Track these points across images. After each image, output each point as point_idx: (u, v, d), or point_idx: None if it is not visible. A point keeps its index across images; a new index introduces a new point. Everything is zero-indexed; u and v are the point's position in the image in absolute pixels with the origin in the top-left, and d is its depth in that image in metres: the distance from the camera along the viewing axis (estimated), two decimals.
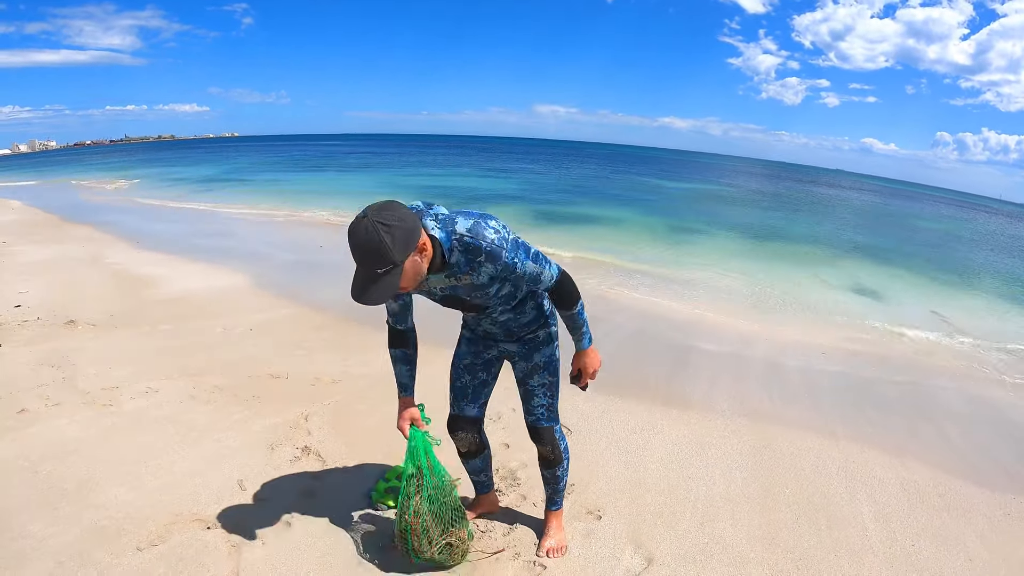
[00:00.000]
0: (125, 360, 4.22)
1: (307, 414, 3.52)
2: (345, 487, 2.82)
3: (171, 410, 3.51)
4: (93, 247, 8.34)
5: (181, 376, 3.99)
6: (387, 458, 3.09)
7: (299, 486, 2.80)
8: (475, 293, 1.93)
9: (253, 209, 13.89)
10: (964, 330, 7.07)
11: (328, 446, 3.18)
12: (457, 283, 1.89)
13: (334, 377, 4.11)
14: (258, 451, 3.09)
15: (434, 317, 2.31)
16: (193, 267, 7.43)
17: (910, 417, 4.26)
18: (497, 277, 1.85)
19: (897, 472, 3.40)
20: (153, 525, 2.47)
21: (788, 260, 11.26)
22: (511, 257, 1.81)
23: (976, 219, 33.53)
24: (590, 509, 2.78)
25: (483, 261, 1.79)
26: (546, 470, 2.41)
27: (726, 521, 2.77)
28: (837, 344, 5.90)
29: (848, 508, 2.99)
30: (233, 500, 2.67)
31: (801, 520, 2.84)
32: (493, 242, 1.78)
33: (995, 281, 11.57)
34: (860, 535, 2.77)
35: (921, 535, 2.81)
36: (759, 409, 4.15)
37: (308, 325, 5.30)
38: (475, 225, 1.79)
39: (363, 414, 3.59)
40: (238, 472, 2.88)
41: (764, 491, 3.07)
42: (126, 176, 24.99)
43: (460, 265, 1.82)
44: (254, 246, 9.13)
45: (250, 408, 3.57)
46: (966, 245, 18.94)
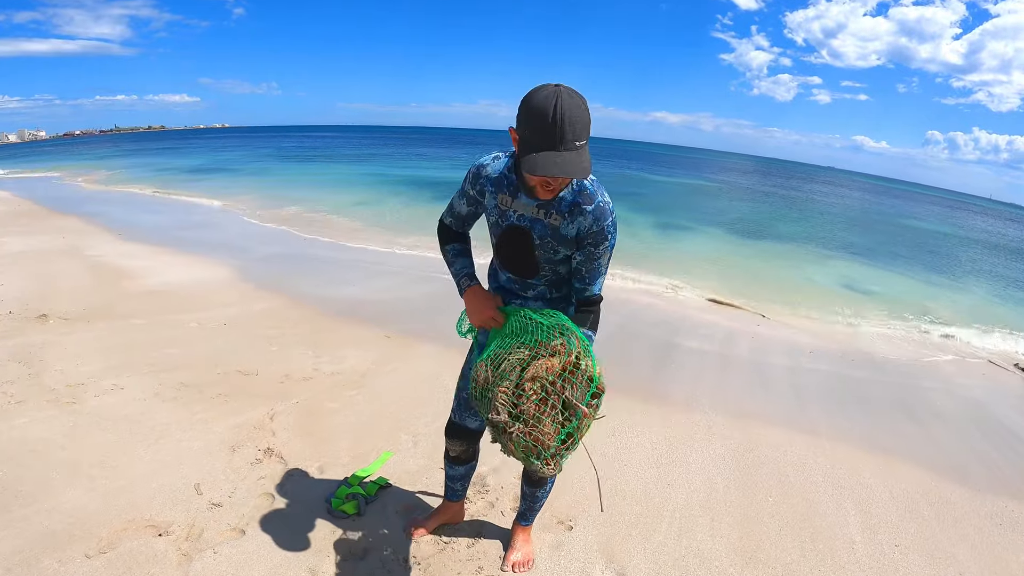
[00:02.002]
0: (94, 356, 4.07)
1: (273, 413, 3.38)
2: (305, 492, 2.69)
3: (134, 408, 3.37)
4: (75, 238, 8.13)
5: (149, 372, 3.85)
6: (353, 460, 2.96)
7: (258, 491, 2.66)
8: (548, 242, 1.77)
9: (237, 201, 13.69)
10: (952, 330, 7.02)
11: (292, 447, 3.04)
12: (544, 219, 1.74)
13: (305, 374, 3.98)
14: (219, 452, 2.95)
15: (448, 315, 2.12)
16: (175, 259, 7.24)
17: (897, 418, 4.21)
18: (583, 237, 1.72)
19: (885, 479, 3.32)
20: (105, 531, 2.35)
21: (776, 257, 11.23)
22: (610, 228, 1.72)
23: (967, 219, 33.72)
24: (561, 519, 2.66)
25: (588, 211, 1.69)
26: (528, 487, 2.28)
27: (705, 532, 2.67)
28: (823, 343, 5.83)
29: (834, 518, 2.90)
30: (189, 505, 2.54)
31: (785, 532, 2.74)
32: (608, 203, 1.71)
33: (985, 281, 11.60)
34: (847, 548, 2.68)
35: (911, 548, 2.72)
36: (744, 409, 4.06)
37: (284, 319, 5.16)
38: (598, 181, 1.72)
39: (331, 413, 3.45)
40: (196, 475, 2.75)
41: (746, 499, 2.97)
42: (114, 167, 24.63)
43: (563, 202, 1.70)
44: (238, 238, 8.96)
45: (215, 407, 3.44)
46: (956, 244, 19.00)
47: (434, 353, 4.50)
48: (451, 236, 2.03)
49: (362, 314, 5.43)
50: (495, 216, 1.86)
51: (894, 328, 6.86)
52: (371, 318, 5.32)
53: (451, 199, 2.00)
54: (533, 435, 1.54)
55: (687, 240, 12.18)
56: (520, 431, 1.55)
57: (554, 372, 1.59)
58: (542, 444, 1.54)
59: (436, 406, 3.59)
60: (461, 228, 2.03)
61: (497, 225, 1.86)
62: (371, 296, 6.08)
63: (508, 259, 1.91)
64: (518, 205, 1.77)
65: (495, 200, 1.82)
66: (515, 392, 1.59)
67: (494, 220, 1.87)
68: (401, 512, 2.59)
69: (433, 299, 6.07)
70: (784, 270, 10.01)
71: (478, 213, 1.98)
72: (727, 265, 9.79)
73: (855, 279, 9.85)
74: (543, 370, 1.59)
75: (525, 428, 1.54)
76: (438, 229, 2.06)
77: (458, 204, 1.97)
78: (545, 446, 1.54)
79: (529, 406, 1.55)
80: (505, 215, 1.81)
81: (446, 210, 2.02)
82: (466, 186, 1.91)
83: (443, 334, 4.87)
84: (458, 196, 1.96)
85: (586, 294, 1.84)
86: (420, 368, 4.21)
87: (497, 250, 1.93)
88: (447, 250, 2.03)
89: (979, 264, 14.33)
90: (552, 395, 1.57)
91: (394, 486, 2.78)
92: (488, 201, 1.86)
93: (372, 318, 5.32)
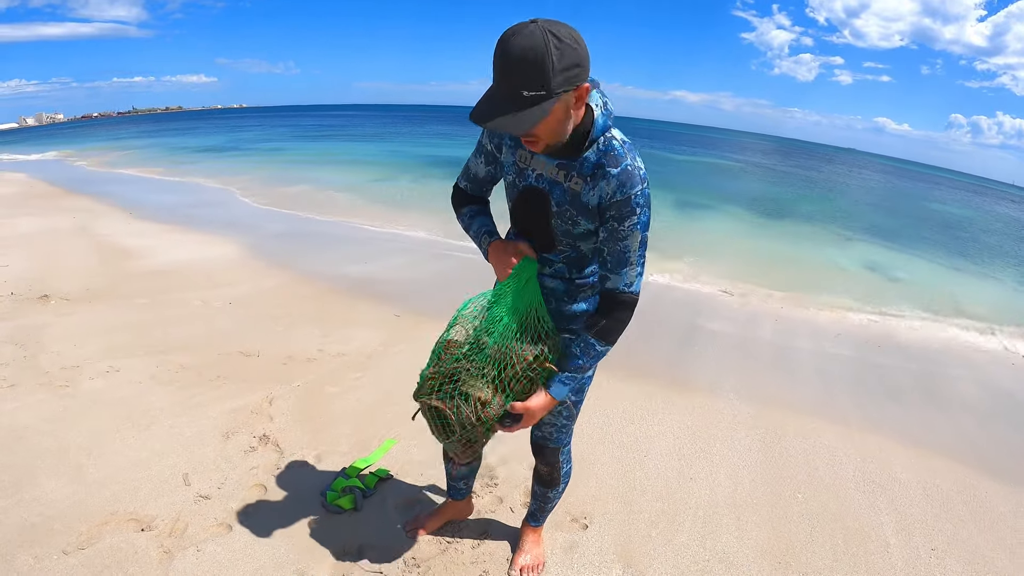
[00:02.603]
0: (92, 337, 3.93)
1: (272, 397, 3.21)
2: (299, 484, 2.52)
3: (128, 392, 3.22)
4: (86, 218, 8.04)
5: (147, 354, 3.70)
6: (353, 448, 2.79)
7: (249, 482, 2.50)
8: (566, 210, 1.51)
9: (251, 179, 13.59)
10: (981, 317, 6.67)
11: (289, 434, 2.87)
12: (563, 182, 1.49)
13: (309, 355, 3.81)
14: (212, 439, 2.79)
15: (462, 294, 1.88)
16: (185, 237, 7.13)
17: (925, 408, 3.98)
18: (606, 207, 1.45)
19: (918, 474, 3.10)
20: (85, 525, 2.20)
21: (799, 238, 10.85)
22: (639, 199, 1.43)
23: (991, 204, 32.65)
24: (575, 516, 2.46)
25: (612, 175, 1.43)
26: (539, 486, 2.07)
27: (731, 533, 2.46)
28: (849, 327, 5.55)
29: (868, 518, 2.69)
30: (175, 497, 2.38)
31: (816, 533, 2.53)
32: (638, 168, 1.44)
33: (1013, 267, 11.12)
34: (881, 552, 2.47)
35: (948, 553, 2.51)
36: (768, 395, 3.84)
37: (292, 297, 5.01)
38: (632, 144, 1.47)
39: (333, 398, 3.28)
40: (186, 464, 2.59)
41: (774, 495, 2.76)
42: (133, 147, 24.64)
43: (586, 163, 1.45)
44: (248, 215, 8.82)
45: (212, 390, 3.28)
46: (983, 231, 18.25)
47: None
48: (467, 199, 1.81)
49: (373, 292, 5.27)
50: (512, 175, 1.61)
51: (921, 313, 6.54)
52: (382, 296, 5.16)
53: (466, 160, 1.77)
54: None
55: (709, 219, 11.84)
56: None
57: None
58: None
59: None
60: (479, 194, 1.81)
61: (514, 186, 1.62)
62: (383, 274, 5.92)
63: (524, 227, 1.67)
64: (537, 163, 1.53)
65: (513, 156, 1.58)
66: None
67: (511, 180, 1.62)
68: (401, 507, 2.41)
69: (446, 277, 5.90)
70: (808, 251, 9.65)
71: (496, 176, 1.74)
72: (749, 247, 9.45)
73: (880, 262, 9.44)
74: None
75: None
76: (452, 195, 1.83)
77: (474, 164, 1.73)
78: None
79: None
80: (523, 174, 1.57)
81: (461, 173, 1.79)
82: (483, 140, 1.67)
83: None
84: (474, 155, 1.72)
85: (607, 285, 1.54)
86: (430, 350, 4.01)
87: (513, 215, 1.68)
88: (463, 214, 1.80)
89: (1007, 251, 13.81)
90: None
91: (395, 478, 2.60)
92: (506, 157, 1.62)
93: (383, 296, 5.16)
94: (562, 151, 1.45)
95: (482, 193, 1.80)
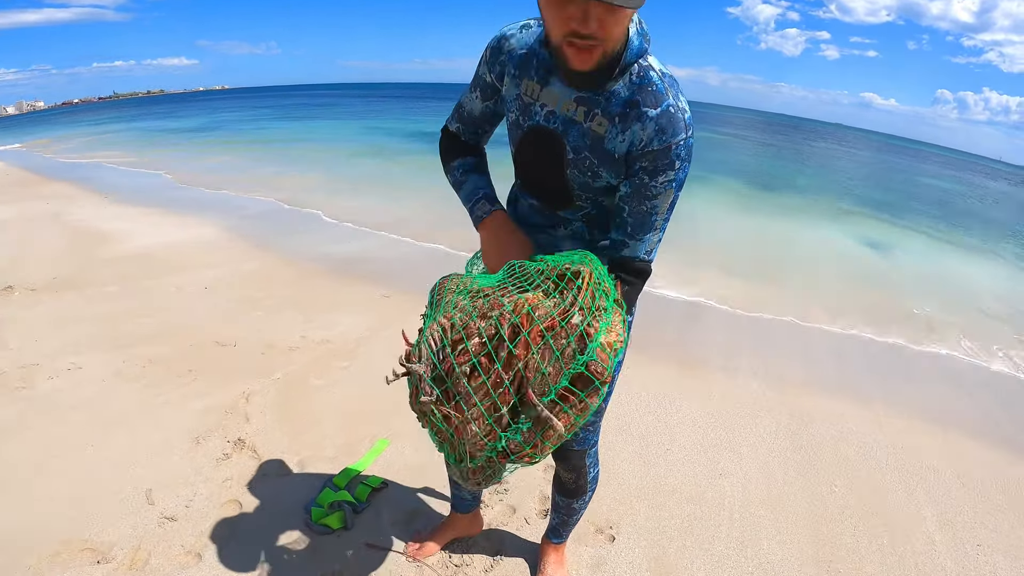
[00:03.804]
0: (56, 330, 3.57)
1: (249, 393, 2.88)
2: (280, 498, 2.19)
3: (90, 392, 2.87)
4: (61, 204, 7.55)
5: (113, 347, 3.34)
6: (340, 452, 2.46)
7: (222, 497, 2.16)
8: (585, 158, 1.20)
9: (235, 157, 13.12)
10: (990, 294, 6.49)
11: (267, 437, 2.54)
12: (582, 121, 1.17)
13: (291, 343, 3.47)
14: (180, 446, 2.45)
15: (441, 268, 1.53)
16: (163, 220, 6.70)
17: (943, 387, 3.80)
18: (636, 157, 1.14)
19: (950, 460, 2.90)
20: (32, 558, 1.86)
21: (797, 211, 10.60)
22: (681, 150, 1.13)
23: (981, 181, 32.59)
24: (600, 527, 2.17)
25: (650, 117, 1.11)
26: (561, 496, 1.73)
27: (771, 538, 2.20)
28: (857, 306, 5.31)
29: (908, 511, 2.47)
30: (137, 519, 2.04)
31: (860, 532, 2.30)
32: (684, 111, 1.13)
33: (1016, 246, 10.86)
34: (928, 550, 2.25)
35: (993, 548, 2.32)
36: (785, 376, 3.60)
37: (273, 280, 4.66)
38: (672, 78, 1.16)
39: (316, 392, 2.95)
40: (151, 477, 2.25)
41: (810, 491, 2.51)
42: (113, 131, 23.71)
43: (615, 98, 1.13)
44: (231, 195, 8.36)
45: (183, 386, 2.94)
46: (979, 207, 18.08)
47: None
48: (458, 147, 1.45)
49: (359, 272, 4.94)
50: (516, 112, 1.27)
51: (929, 291, 6.34)
52: (368, 276, 4.83)
53: (459, 98, 1.42)
54: (450, 419, 1.01)
55: (702, 195, 11.54)
56: (433, 404, 1.01)
57: (523, 311, 0.99)
58: (467, 440, 1.00)
59: None
60: (474, 139, 1.46)
61: (517, 126, 1.29)
62: (369, 252, 5.59)
63: (531, 177, 1.35)
64: (549, 96, 1.20)
65: (518, 88, 1.25)
66: (451, 335, 1.02)
67: (515, 118, 1.29)
68: (399, 522, 2.09)
69: (436, 253, 5.58)
70: (807, 224, 9.36)
71: (498, 114, 1.39)
72: (750, 222, 9.16)
73: (878, 239, 9.17)
74: (509, 308, 1.01)
75: (438, 404, 1.01)
76: (440, 142, 1.48)
77: (468, 100, 1.39)
78: (473, 446, 1.00)
79: (461, 364, 0.99)
80: (529, 111, 1.24)
81: (451, 113, 1.45)
82: (481, 68, 1.32)
83: None
84: (469, 89, 1.38)
85: (623, 252, 1.23)
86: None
87: (517, 164, 1.37)
88: (453, 168, 1.44)
89: (1010, 229, 13.60)
90: (498, 358, 0.98)
91: (390, 486, 2.28)
92: (508, 90, 1.28)
93: (369, 276, 4.83)
94: (583, 78, 1.12)
95: (477, 139, 1.45)
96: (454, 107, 1.42)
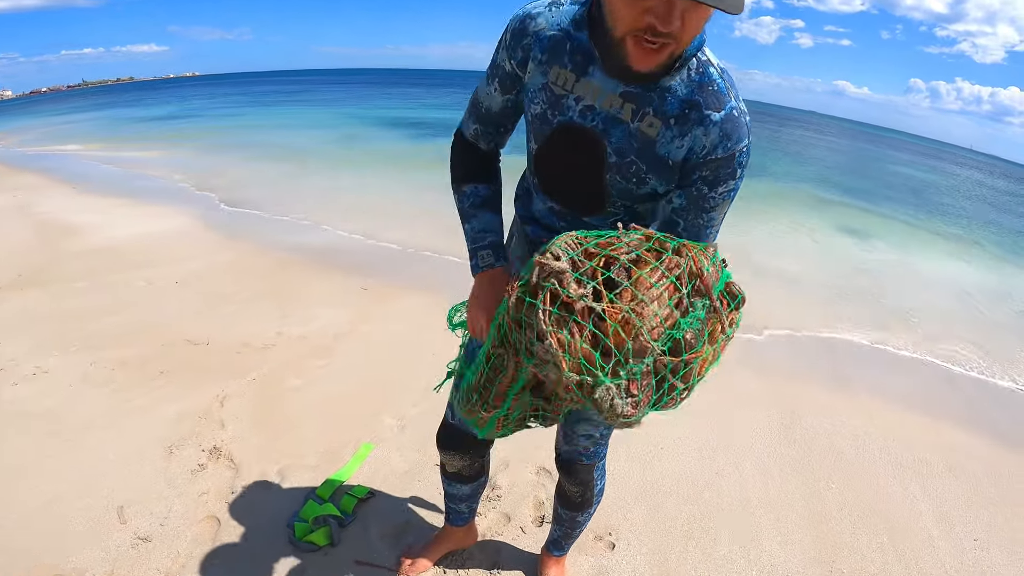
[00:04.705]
0: (20, 332, 3.35)
1: (224, 396, 2.73)
2: (261, 513, 2.05)
3: (57, 399, 2.69)
4: (28, 195, 7.19)
5: (81, 349, 3.15)
6: (322, 459, 2.33)
7: (199, 513, 2.02)
8: (630, 163, 1.04)
9: (205, 143, 12.77)
10: (966, 283, 6.55)
11: (244, 445, 2.39)
12: (628, 120, 1.01)
13: (267, 340, 3.32)
14: (152, 457, 2.29)
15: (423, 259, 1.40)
16: (133, 210, 6.41)
17: (923, 373, 3.86)
18: (696, 165, 1.01)
19: (940, 451, 2.90)
20: None
21: (775, 196, 10.60)
22: (743, 157, 1.02)
23: (956, 169, 33.21)
24: (599, 534, 2.08)
25: (715, 122, 0.98)
26: (565, 509, 1.63)
27: (773, 539, 2.14)
28: (832, 295, 5.35)
29: (905, 507, 2.45)
30: (109, 540, 1.90)
31: (859, 530, 2.26)
32: (745, 114, 1.01)
33: (991, 234, 10.95)
34: (927, 547, 2.23)
35: (990, 543, 2.32)
36: (769, 364, 3.63)
37: (248, 272, 4.47)
38: (731, 75, 1.02)
39: (295, 392, 2.82)
40: (121, 493, 2.10)
41: (807, 488, 2.48)
42: (81, 120, 22.86)
43: (672, 96, 0.99)
44: (202, 183, 8.05)
45: (154, 390, 2.77)
46: (952, 196, 18.26)
47: (421, 307, 3.86)
48: (474, 161, 1.27)
49: (337, 262, 4.79)
50: (542, 104, 1.09)
51: (910, 283, 6.38)
52: (347, 266, 4.68)
53: (473, 92, 1.24)
54: (624, 313, 0.86)
55: None
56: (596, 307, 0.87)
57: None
58: (638, 336, 0.86)
59: (426, 376, 2.95)
60: (491, 143, 1.27)
61: (544, 120, 1.10)
62: (347, 241, 5.42)
63: (557, 179, 1.17)
64: (587, 88, 1.03)
65: (545, 76, 1.07)
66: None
67: (540, 111, 1.10)
68: (389, 536, 1.98)
69: (416, 242, 5.42)
70: (782, 215, 9.34)
71: (520, 107, 1.19)
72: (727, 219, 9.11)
73: (854, 225, 9.20)
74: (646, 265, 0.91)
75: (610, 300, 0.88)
76: (452, 150, 1.30)
77: (486, 95, 1.20)
78: (642, 343, 0.87)
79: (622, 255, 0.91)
80: (560, 104, 1.06)
81: (465, 114, 1.27)
82: (499, 55, 1.13)
83: (430, 283, 4.28)
84: (485, 81, 1.19)
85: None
86: (404, 326, 3.59)
87: (539, 161, 1.17)
88: (464, 193, 1.27)
89: (983, 217, 13.76)
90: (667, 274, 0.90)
91: (378, 495, 2.16)
92: (533, 78, 1.09)
93: (348, 266, 4.68)
94: (634, 76, 0.98)
95: (498, 140, 1.28)
96: (468, 106, 1.25)
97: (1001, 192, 22.46)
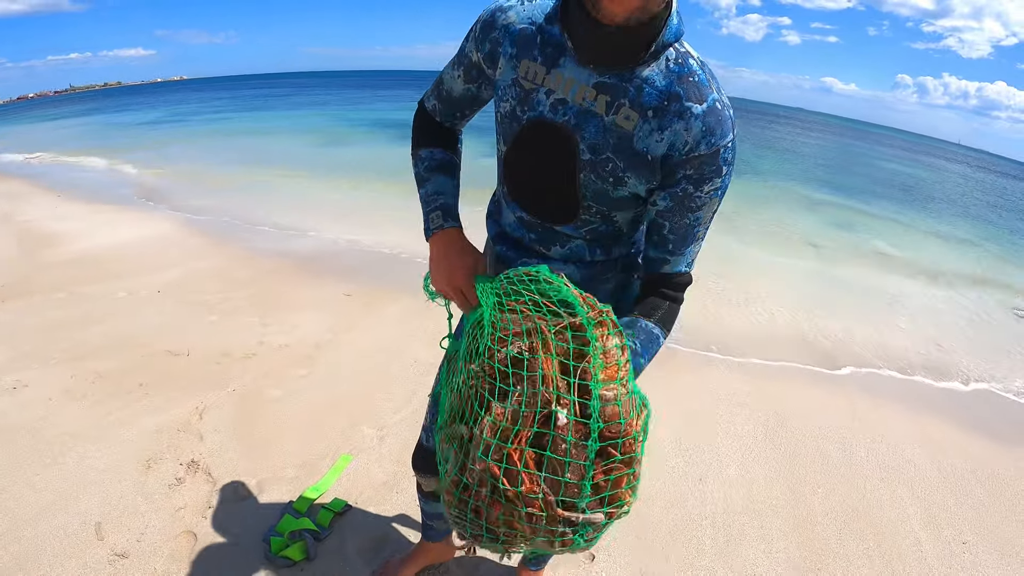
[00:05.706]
0: (1, 344, 3.33)
1: (203, 408, 2.69)
2: (237, 528, 2.02)
3: (36, 413, 2.64)
4: (10, 203, 7.12)
5: (61, 361, 3.11)
6: (300, 471, 2.30)
7: (176, 528, 1.99)
8: (606, 160, 0.99)
9: (190, 148, 12.72)
10: (952, 281, 6.57)
11: (222, 459, 2.36)
12: (603, 113, 0.96)
13: (247, 350, 3.28)
14: (129, 472, 2.26)
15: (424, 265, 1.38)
16: (117, 217, 6.34)
17: (912, 378, 3.83)
18: (679, 163, 0.96)
19: (928, 452, 2.90)
20: None
21: (766, 190, 10.62)
22: (728, 154, 0.96)
23: (944, 164, 33.40)
24: None
25: (697, 115, 0.93)
26: None
27: (757, 547, 2.12)
28: (814, 293, 5.36)
29: (892, 511, 2.43)
30: (86, 558, 1.86)
31: (845, 535, 2.25)
32: (728, 108, 0.97)
33: (980, 226, 10.99)
34: (914, 551, 2.22)
35: (978, 545, 2.31)
36: (754, 359, 3.69)
37: (230, 280, 4.42)
38: (710, 68, 0.97)
39: (275, 403, 2.78)
40: (98, 509, 2.06)
41: (792, 493, 2.46)
42: (69, 127, 22.79)
43: (649, 86, 0.94)
44: (187, 189, 8.02)
45: (133, 403, 2.73)
46: (946, 192, 18.34)
47: (404, 315, 3.84)
48: (431, 131, 1.25)
49: (320, 268, 4.74)
50: (512, 101, 1.05)
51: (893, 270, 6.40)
52: (330, 272, 4.63)
53: (441, 72, 1.22)
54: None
55: None
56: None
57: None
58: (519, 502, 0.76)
59: (407, 386, 2.95)
60: (450, 121, 1.26)
61: (514, 118, 1.05)
62: (333, 246, 5.38)
63: (526, 184, 1.12)
64: (557, 80, 0.98)
65: (514, 71, 1.03)
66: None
67: (510, 108, 1.06)
68: (366, 551, 1.95)
69: (401, 245, 5.39)
70: (774, 209, 9.36)
71: (480, 98, 1.19)
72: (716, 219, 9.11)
73: (844, 220, 9.24)
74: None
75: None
76: (414, 118, 1.28)
77: (449, 78, 1.19)
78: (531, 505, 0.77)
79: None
80: (530, 100, 1.02)
81: (431, 88, 1.25)
82: (467, 44, 1.11)
83: (415, 288, 4.19)
84: (452, 64, 1.17)
85: (663, 269, 1.07)
86: (387, 335, 3.55)
87: (508, 164, 1.13)
88: (420, 157, 1.24)
89: (971, 210, 13.82)
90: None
91: (354, 508, 2.13)
92: (503, 74, 1.06)
93: (331, 272, 4.63)
94: (609, 55, 0.93)
95: (453, 121, 1.26)
96: (434, 81, 1.24)
97: (990, 189, 22.59)
